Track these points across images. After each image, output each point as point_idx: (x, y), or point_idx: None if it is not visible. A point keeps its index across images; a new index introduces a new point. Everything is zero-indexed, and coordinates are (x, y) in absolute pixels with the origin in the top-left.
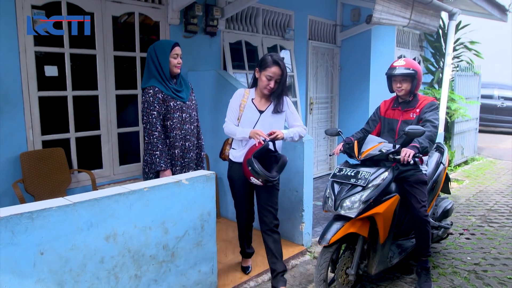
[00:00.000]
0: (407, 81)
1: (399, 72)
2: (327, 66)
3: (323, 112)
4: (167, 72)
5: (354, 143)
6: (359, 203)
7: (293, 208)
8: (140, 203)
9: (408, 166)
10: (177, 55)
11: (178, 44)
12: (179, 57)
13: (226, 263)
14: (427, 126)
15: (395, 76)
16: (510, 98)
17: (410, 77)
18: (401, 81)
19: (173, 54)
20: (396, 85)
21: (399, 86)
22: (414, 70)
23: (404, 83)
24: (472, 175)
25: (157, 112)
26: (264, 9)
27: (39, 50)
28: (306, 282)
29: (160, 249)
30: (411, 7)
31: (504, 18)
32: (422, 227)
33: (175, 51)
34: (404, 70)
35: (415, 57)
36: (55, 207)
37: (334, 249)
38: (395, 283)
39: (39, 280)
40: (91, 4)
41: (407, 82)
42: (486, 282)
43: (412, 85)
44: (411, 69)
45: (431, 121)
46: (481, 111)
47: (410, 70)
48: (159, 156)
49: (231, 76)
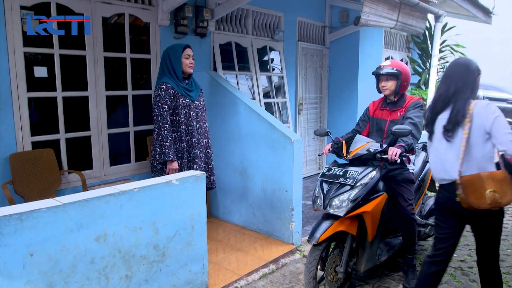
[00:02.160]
0: (392, 80)
1: (383, 71)
2: (316, 67)
3: (312, 113)
4: (180, 73)
5: (342, 143)
6: (347, 202)
7: (283, 207)
8: (130, 203)
9: (396, 165)
10: (189, 56)
11: (190, 46)
12: (191, 58)
13: (217, 263)
14: (407, 123)
15: (381, 75)
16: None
17: (395, 77)
18: (386, 80)
19: (185, 55)
20: (381, 84)
21: (384, 85)
22: (398, 70)
23: (389, 82)
24: None
25: (168, 106)
26: (254, 11)
27: (28, 51)
28: (296, 280)
29: (150, 249)
30: (398, 9)
31: (488, 20)
32: (409, 225)
33: (186, 52)
34: (388, 70)
35: (402, 58)
36: (44, 208)
37: (323, 248)
38: (383, 280)
39: (28, 282)
40: (81, 5)
41: (392, 81)
42: (471, 278)
43: (397, 85)
44: (395, 69)
45: (411, 118)
46: None
47: (394, 70)
48: (168, 147)
49: (221, 77)
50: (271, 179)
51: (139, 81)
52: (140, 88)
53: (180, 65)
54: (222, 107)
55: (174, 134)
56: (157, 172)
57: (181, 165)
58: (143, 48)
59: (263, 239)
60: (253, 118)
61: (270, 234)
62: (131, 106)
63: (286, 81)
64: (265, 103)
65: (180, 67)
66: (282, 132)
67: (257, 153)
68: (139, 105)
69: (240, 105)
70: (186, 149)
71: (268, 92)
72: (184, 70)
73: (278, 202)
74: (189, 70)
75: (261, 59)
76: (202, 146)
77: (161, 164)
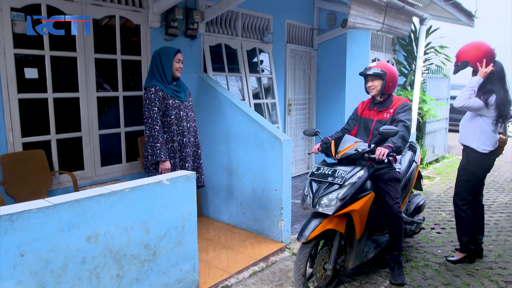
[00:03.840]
0: (378, 80)
1: (370, 71)
2: (304, 69)
3: (301, 113)
4: (169, 75)
5: (331, 143)
6: (336, 201)
7: (272, 206)
8: (121, 203)
9: (383, 164)
10: (179, 60)
11: (180, 51)
12: (180, 62)
13: (208, 261)
14: (400, 126)
15: (368, 75)
16: None
17: (380, 77)
18: (372, 80)
19: (176, 59)
20: (368, 84)
21: (370, 85)
22: (383, 71)
23: (375, 82)
24: (443, 172)
25: (157, 108)
26: (243, 13)
27: (18, 52)
28: (285, 277)
29: (141, 249)
30: (384, 12)
31: (471, 23)
32: (395, 223)
33: (178, 57)
34: (374, 70)
35: (388, 60)
36: (35, 209)
37: (312, 245)
38: (370, 277)
39: (19, 282)
40: (71, 7)
41: (378, 81)
42: (455, 273)
43: (382, 85)
44: (380, 69)
45: (404, 121)
46: (450, 111)
47: (379, 70)
48: (160, 148)
49: (211, 78)
50: (260, 178)
51: (130, 82)
52: (131, 89)
53: (170, 69)
54: (212, 108)
55: (165, 134)
56: (151, 173)
57: (174, 165)
58: (133, 50)
59: (253, 237)
60: (242, 119)
61: (259, 233)
62: (122, 107)
63: (275, 82)
64: (254, 104)
65: (171, 70)
66: (271, 132)
67: (246, 153)
68: (130, 106)
69: (230, 106)
70: (178, 148)
71: (258, 93)
72: (173, 74)
73: (267, 201)
74: (178, 75)
75: (250, 61)
76: (191, 145)
77: (154, 164)
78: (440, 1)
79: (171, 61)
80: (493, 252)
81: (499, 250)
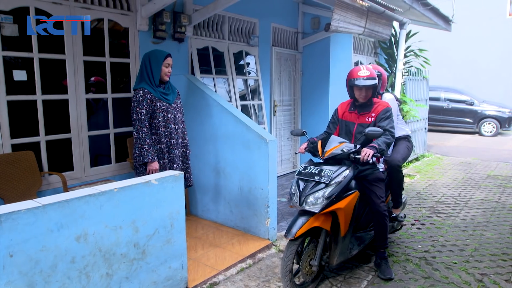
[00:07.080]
0: (369, 89)
1: (363, 84)
2: (289, 71)
3: (286, 114)
4: (157, 78)
5: (318, 143)
6: (322, 199)
7: (259, 204)
8: (110, 203)
9: (367, 165)
10: (168, 65)
11: (171, 55)
12: (170, 67)
13: (196, 259)
14: (386, 135)
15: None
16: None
17: (372, 87)
18: (365, 90)
19: (165, 64)
20: (357, 93)
21: (364, 95)
22: (375, 79)
23: (367, 92)
24: (423, 171)
25: (145, 110)
26: (230, 17)
27: (7, 54)
28: (272, 274)
29: (131, 248)
30: (365, 16)
31: (448, 28)
32: (381, 220)
33: (167, 61)
34: (368, 82)
35: (370, 62)
36: (24, 209)
37: (299, 242)
38: (353, 272)
39: (8, 282)
40: (59, 10)
41: (369, 90)
42: (435, 267)
43: (373, 93)
44: (374, 78)
45: (390, 130)
46: (429, 112)
47: (372, 80)
48: (147, 149)
49: (198, 81)
50: (247, 177)
51: (119, 84)
52: (120, 91)
53: (159, 72)
54: (200, 109)
55: (153, 136)
56: (141, 173)
57: (162, 165)
58: (122, 52)
59: (240, 235)
60: (229, 120)
61: (247, 230)
62: (111, 108)
63: (261, 84)
64: (241, 105)
65: (159, 74)
66: (257, 133)
67: (233, 153)
68: (119, 107)
69: (217, 107)
70: (166, 150)
71: (245, 95)
72: (162, 77)
73: (254, 199)
74: (166, 79)
75: (237, 63)
76: (180, 146)
77: (143, 165)
78: (419, 6)
79: (160, 65)
80: (470, 246)
81: (476, 244)
